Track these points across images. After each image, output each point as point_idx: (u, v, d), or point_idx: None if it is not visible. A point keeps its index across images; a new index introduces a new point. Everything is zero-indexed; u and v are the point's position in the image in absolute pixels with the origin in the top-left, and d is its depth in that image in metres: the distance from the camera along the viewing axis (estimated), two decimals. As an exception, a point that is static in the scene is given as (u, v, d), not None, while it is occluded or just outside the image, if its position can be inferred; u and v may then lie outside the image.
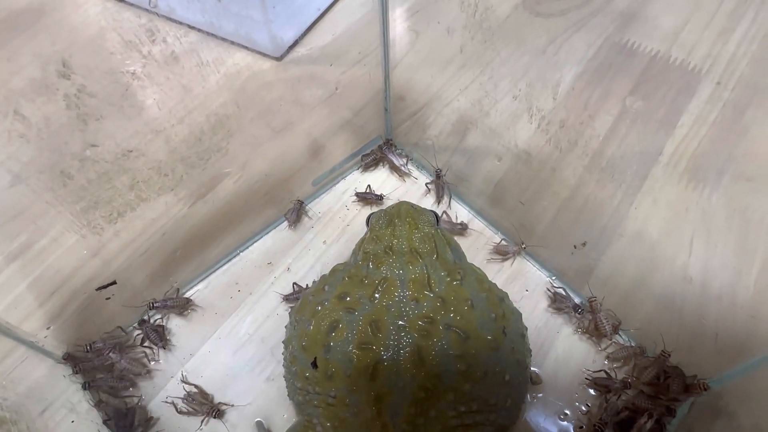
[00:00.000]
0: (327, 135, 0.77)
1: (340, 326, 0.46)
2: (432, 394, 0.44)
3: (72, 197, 0.50)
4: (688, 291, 0.60)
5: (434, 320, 0.46)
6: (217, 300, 0.69)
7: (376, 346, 0.44)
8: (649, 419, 0.56)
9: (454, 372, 0.44)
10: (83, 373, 0.59)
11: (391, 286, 0.48)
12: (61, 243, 0.53)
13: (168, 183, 0.57)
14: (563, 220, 0.67)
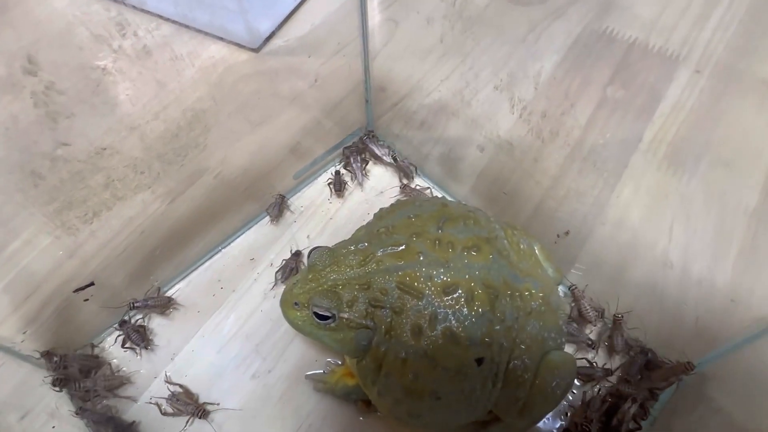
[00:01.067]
0: (307, 128, 0.76)
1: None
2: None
3: (44, 198, 0.48)
4: (668, 276, 0.61)
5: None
6: (199, 298, 0.68)
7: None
8: (633, 404, 0.57)
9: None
10: (59, 382, 0.58)
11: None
12: (35, 245, 0.51)
13: (145, 180, 0.56)
14: (546, 209, 0.67)
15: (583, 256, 0.67)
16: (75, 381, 0.58)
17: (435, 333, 0.47)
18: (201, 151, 0.59)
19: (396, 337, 0.47)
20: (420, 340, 0.47)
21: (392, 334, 0.47)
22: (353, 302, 0.48)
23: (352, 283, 0.49)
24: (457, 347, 0.47)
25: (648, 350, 0.60)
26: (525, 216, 0.69)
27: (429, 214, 0.54)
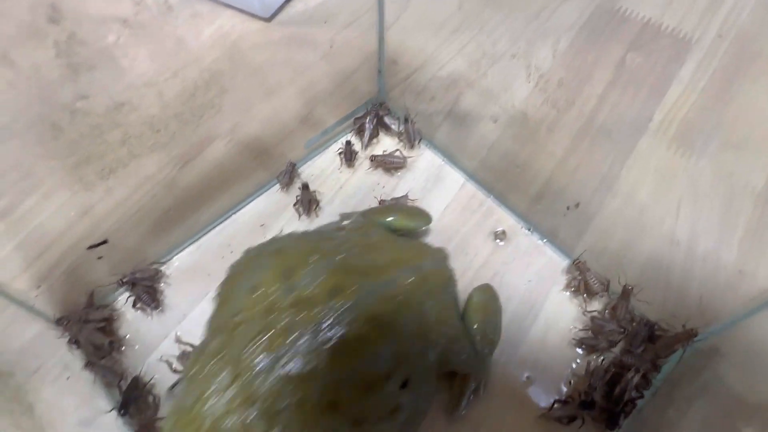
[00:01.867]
0: (319, 98, 0.76)
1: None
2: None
3: (63, 152, 0.49)
4: (675, 253, 0.61)
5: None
6: (209, 262, 0.69)
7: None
8: (636, 374, 0.58)
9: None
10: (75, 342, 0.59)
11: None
12: (53, 200, 0.52)
13: (161, 139, 0.56)
14: (557, 181, 0.67)
15: (592, 231, 0.68)
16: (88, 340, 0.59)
17: (351, 395, 0.44)
18: (217, 112, 0.59)
19: (316, 424, 0.43)
20: (342, 413, 0.43)
21: (309, 424, 0.43)
22: (248, 428, 0.41)
23: (233, 407, 0.41)
24: (378, 393, 0.45)
25: (652, 323, 0.61)
26: (536, 188, 0.69)
27: (269, 275, 0.49)
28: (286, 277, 0.48)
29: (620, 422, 0.57)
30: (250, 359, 0.43)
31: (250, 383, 0.42)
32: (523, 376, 0.62)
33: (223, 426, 0.41)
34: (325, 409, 0.43)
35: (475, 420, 0.59)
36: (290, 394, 0.42)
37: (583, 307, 0.65)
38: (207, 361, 0.44)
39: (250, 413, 0.41)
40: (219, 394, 0.42)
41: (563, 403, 0.58)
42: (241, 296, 0.48)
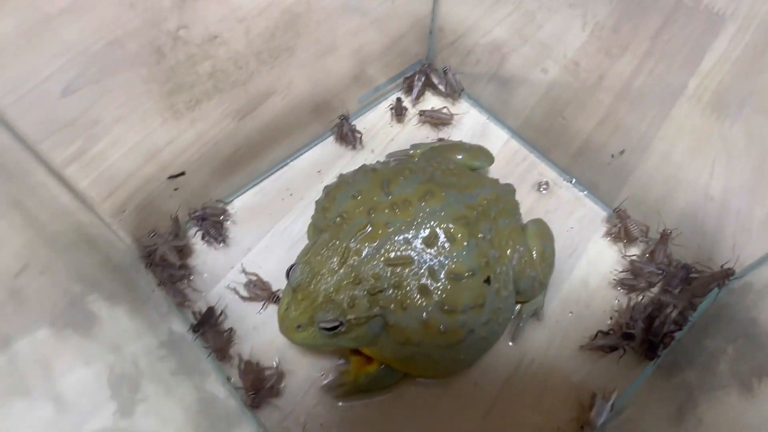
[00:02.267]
0: (370, 59, 0.80)
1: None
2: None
3: (161, 76, 0.53)
4: (709, 207, 0.65)
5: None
6: (270, 203, 0.74)
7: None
8: (674, 310, 0.62)
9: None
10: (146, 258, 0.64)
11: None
12: (147, 124, 0.56)
13: (241, 77, 0.61)
14: (597, 140, 0.71)
15: (630, 185, 0.72)
16: (167, 260, 0.64)
17: (441, 282, 0.50)
18: (290, 55, 0.64)
19: (409, 306, 0.50)
20: (431, 296, 0.50)
21: (404, 305, 0.50)
22: (354, 301, 0.49)
23: (343, 285, 0.50)
24: (464, 283, 0.51)
25: (690, 264, 0.65)
26: (577, 145, 0.73)
27: (368, 185, 0.56)
28: (383, 186, 0.55)
29: (659, 353, 0.61)
30: (357, 247, 0.50)
31: (357, 267, 0.50)
32: (567, 312, 0.66)
33: (335, 299, 0.49)
34: (419, 293, 0.50)
35: (522, 348, 0.63)
36: (390, 277, 0.50)
37: (623, 252, 0.69)
38: (319, 249, 0.51)
39: (357, 291, 0.49)
40: (331, 275, 0.50)
41: (606, 334, 0.62)
42: (343, 202, 0.56)
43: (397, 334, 0.51)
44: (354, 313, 0.49)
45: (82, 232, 0.59)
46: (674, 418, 0.57)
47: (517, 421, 0.59)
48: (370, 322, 0.50)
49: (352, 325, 0.50)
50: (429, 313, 0.49)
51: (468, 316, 0.51)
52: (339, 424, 0.59)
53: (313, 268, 0.51)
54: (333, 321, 0.49)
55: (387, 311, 0.50)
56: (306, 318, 0.50)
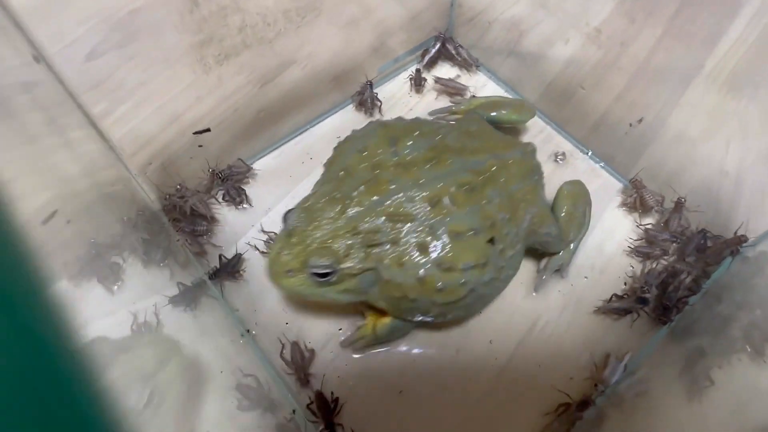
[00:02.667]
0: (390, 31, 0.81)
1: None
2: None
3: (193, 27, 0.54)
4: (723, 182, 0.66)
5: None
6: (291, 166, 0.75)
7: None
8: (688, 276, 0.63)
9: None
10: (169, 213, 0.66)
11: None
12: (177, 81, 0.58)
13: (268, 34, 0.62)
14: (613, 114, 0.72)
15: (646, 157, 0.73)
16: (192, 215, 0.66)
17: (441, 241, 0.50)
18: (316, 16, 0.65)
19: (406, 263, 0.49)
20: (429, 253, 0.50)
21: (400, 262, 0.50)
22: (349, 251, 0.49)
23: (340, 233, 0.49)
24: (465, 242, 0.51)
25: (705, 230, 0.65)
26: (598, 113, 0.74)
27: (375, 142, 0.56)
28: (391, 144, 0.55)
29: (672, 317, 0.62)
30: (358, 199, 0.50)
31: (356, 218, 0.50)
32: (582, 277, 0.67)
33: (330, 246, 0.48)
34: (417, 249, 0.50)
35: (536, 310, 0.65)
36: (389, 232, 0.50)
37: (638, 221, 0.70)
38: (320, 198, 0.51)
39: (354, 241, 0.49)
40: (329, 223, 0.49)
41: (620, 297, 0.63)
42: (349, 156, 0.56)
43: (392, 290, 0.51)
44: (348, 263, 0.49)
45: (108, 185, 0.61)
46: (686, 380, 0.58)
47: (531, 380, 0.60)
48: (363, 275, 0.50)
49: (344, 275, 0.49)
50: (426, 270, 0.49)
51: (469, 275, 0.50)
52: (356, 377, 0.60)
53: (311, 214, 0.50)
54: (326, 267, 0.48)
55: (382, 266, 0.50)
56: (298, 263, 0.49)
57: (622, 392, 0.59)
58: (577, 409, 0.57)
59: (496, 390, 0.60)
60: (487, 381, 0.60)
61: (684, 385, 0.58)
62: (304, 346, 0.60)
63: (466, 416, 0.57)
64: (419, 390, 0.59)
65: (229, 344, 0.61)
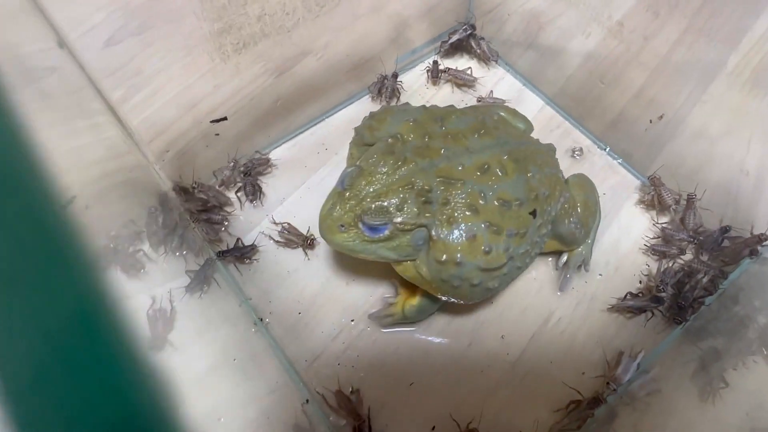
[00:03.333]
0: (408, 23, 0.81)
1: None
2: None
3: (213, 14, 0.54)
4: (743, 182, 0.65)
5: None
6: (305, 156, 0.75)
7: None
8: (705, 276, 0.62)
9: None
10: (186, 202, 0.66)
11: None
12: (194, 69, 0.58)
13: (287, 23, 0.62)
14: (632, 111, 0.71)
15: (664, 155, 0.72)
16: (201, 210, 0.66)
17: (490, 204, 0.51)
18: (336, 5, 0.65)
19: (457, 220, 0.50)
20: (480, 215, 0.50)
21: (451, 220, 0.50)
22: (403, 204, 0.49)
23: (394, 187, 0.49)
24: (512, 210, 0.52)
25: (726, 226, 0.65)
26: (617, 110, 0.73)
27: (422, 116, 0.57)
28: (437, 120, 0.56)
29: (687, 317, 0.61)
30: (413, 158, 0.51)
31: (409, 175, 0.50)
32: (596, 274, 0.66)
33: (384, 200, 0.49)
34: (468, 209, 0.50)
35: (550, 306, 0.64)
36: (442, 189, 0.51)
37: (655, 219, 0.69)
38: (372, 155, 0.52)
39: (408, 195, 0.49)
40: (383, 177, 0.50)
41: (635, 295, 0.63)
42: (398, 124, 0.56)
43: (439, 251, 0.50)
44: (401, 216, 0.49)
45: (127, 171, 0.61)
46: (700, 381, 0.57)
47: (543, 374, 0.60)
48: (415, 232, 0.50)
49: (397, 230, 0.49)
50: (476, 230, 0.50)
51: (511, 242, 0.51)
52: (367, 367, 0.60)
53: (364, 170, 0.50)
54: (379, 221, 0.48)
55: (433, 223, 0.50)
56: (351, 218, 0.49)
57: (635, 391, 0.58)
58: (588, 407, 0.57)
59: (507, 384, 0.60)
60: (498, 375, 0.60)
61: (697, 385, 0.57)
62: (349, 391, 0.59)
63: (477, 409, 0.58)
64: (430, 382, 0.59)
65: (242, 333, 0.62)
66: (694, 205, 0.66)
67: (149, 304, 0.56)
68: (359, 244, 0.51)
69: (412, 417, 0.58)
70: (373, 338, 0.62)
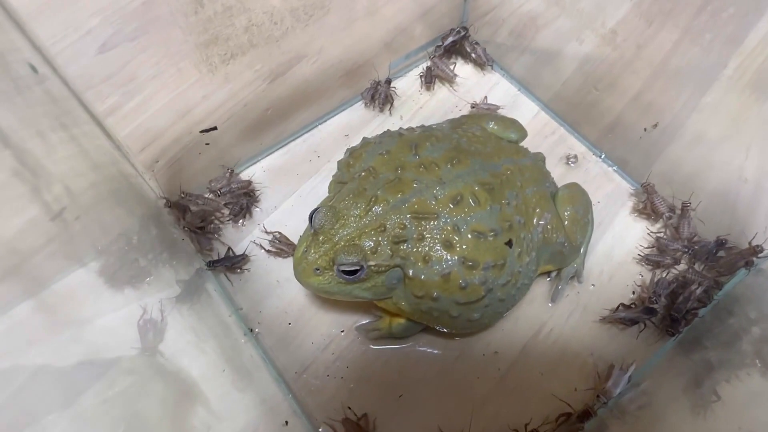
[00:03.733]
0: (402, 27, 0.80)
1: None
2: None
3: (199, 27, 0.54)
4: (741, 189, 0.64)
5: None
6: (298, 164, 0.75)
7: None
8: (699, 287, 0.62)
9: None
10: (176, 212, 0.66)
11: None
12: (182, 80, 0.57)
13: (276, 33, 0.61)
14: (628, 116, 0.70)
15: (661, 161, 0.71)
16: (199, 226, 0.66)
17: (465, 238, 0.51)
18: (325, 14, 0.64)
19: (431, 259, 0.50)
20: (455, 250, 0.50)
21: (426, 258, 0.50)
22: (376, 248, 0.49)
23: (366, 231, 0.50)
24: (487, 241, 0.51)
25: (722, 238, 0.64)
26: (608, 120, 0.72)
27: (397, 146, 0.56)
28: (411, 149, 0.56)
29: (680, 329, 0.61)
30: (383, 197, 0.51)
31: (382, 215, 0.50)
32: (589, 285, 0.66)
33: (358, 243, 0.49)
34: (442, 246, 0.50)
35: (541, 317, 0.64)
36: (414, 229, 0.50)
37: (650, 228, 0.68)
38: (345, 196, 0.52)
39: (381, 238, 0.49)
40: (356, 220, 0.50)
41: (628, 307, 0.62)
42: (372, 158, 0.56)
43: (415, 287, 0.51)
44: (376, 260, 0.49)
45: (116, 182, 0.61)
46: (692, 394, 0.57)
47: (532, 387, 0.60)
48: (390, 272, 0.50)
49: (372, 272, 0.50)
50: (451, 266, 0.50)
51: (488, 275, 0.51)
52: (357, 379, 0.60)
53: (337, 212, 0.51)
54: (354, 264, 0.49)
55: (408, 262, 0.50)
56: (326, 261, 0.50)
57: (625, 404, 0.58)
58: (577, 420, 0.57)
59: (497, 396, 0.59)
60: (487, 387, 0.60)
61: (689, 398, 0.57)
62: (354, 416, 0.58)
63: (466, 421, 0.57)
64: (419, 394, 0.59)
65: (231, 343, 0.62)
66: (688, 214, 0.65)
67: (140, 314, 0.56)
68: (335, 285, 0.51)
69: (401, 429, 0.58)
70: (363, 349, 0.61)
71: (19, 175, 0.49)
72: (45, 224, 0.51)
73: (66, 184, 0.53)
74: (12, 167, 0.48)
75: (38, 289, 0.48)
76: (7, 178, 0.47)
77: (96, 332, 0.51)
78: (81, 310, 0.51)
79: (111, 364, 0.50)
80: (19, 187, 0.48)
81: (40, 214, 0.50)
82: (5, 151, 0.47)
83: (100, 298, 0.54)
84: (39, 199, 0.51)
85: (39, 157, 0.51)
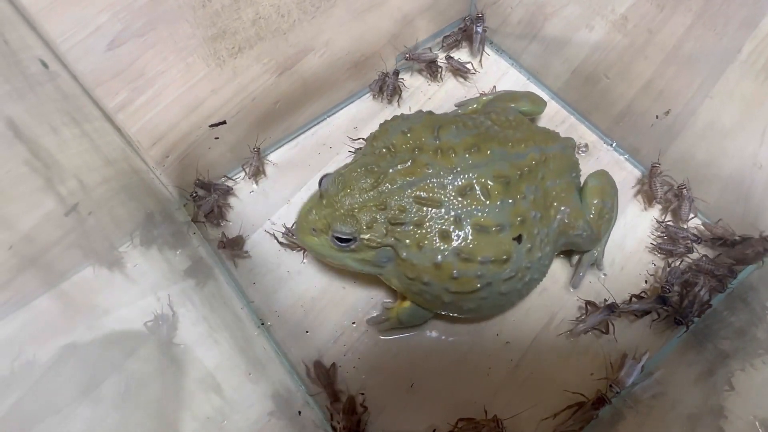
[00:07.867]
0: (409, 18, 0.80)
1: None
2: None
3: (206, 21, 0.54)
4: (756, 175, 0.63)
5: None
6: (308, 156, 0.75)
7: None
8: (712, 277, 0.61)
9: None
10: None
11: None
12: (191, 75, 0.57)
13: (283, 26, 0.61)
14: (640, 104, 0.69)
15: (673, 150, 0.70)
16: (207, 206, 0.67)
17: (464, 231, 0.50)
18: (331, 6, 0.64)
19: (425, 246, 0.50)
20: (450, 241, 0.50)
21: (420, 244, 0.50)
22: (372, 224, 0.50)
23: (368, 205, 0.51)
24: (489, 236, 0.51)
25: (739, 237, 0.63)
26: (623, 103, 0.71)
27: (421, 125, 0.56)
28: (434, 129, 0.55)
29: (693, 319, 0.60)
30: (392, 176, 0.51)
31: (386, 194, 0.51)
32: (600, 274, 0.65)
33: (356, 215, 0.50)
34: (438, 236, 0.50)
35: (552, 308, 0.64)
36: (415, 212, 0.51)
37: (658, 216, 0.68)
38: (357, 167, 0.53)
39: (379, 215, 0.50)
40: (360, 193, 0.51)
41: (640, 297, 0.62)
42: (393, 135, 0.56)
43: (407, 269, 0.52)
44: (369, 234, 0.50)
45: (128, 177, 0.62)
46: (705, 383, 0.56)
47: (545, 376, 0.60)
48: (381, 250, 0.51)
49: (363, 245, 0.51)
50: (444, 257, 0.50)
51: (486, 269, 0.50)
52: (368, 370, 0.60)
53: (345, 181, 0.52)
54: (347, 234, 0.50)
55: (401, 244, 0.51)
56: (323, 224, 0.51)
57: (638, 393, 0.58)
58: (592, 407, 0.56)
59: (509, 386, 0.59)
60: (499, 377, 0.60)
61: (703, 388, 0.56)
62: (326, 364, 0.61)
63: (479, 411, 0.57)
64: (431, 384, 0.59)
65: (244, 335, 0.63)
66: (684, 195, 0.65)
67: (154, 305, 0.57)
68: (327, 249, 0.53)
69: (412, 419, 0.58)
70: (374, 341, 0.62)
71: (35, 169, 0.50)
72: (60, 218, 0.51)
73: (79, 179, 0.54)
74: (28, 161, 0.49)
75: (57, 281, 0.49)
76: (24, 173, 0.48)
77: (113, 323, 0.52)
78: (98, 302, 0.52)
79: (128, 353, 0.51)
80: (36, 181, 0.49)
81: (56, 208, 0.51)
82: (20, 145, 0.48)
83: (116, 289, 0.55)
84: (54, 193, 0.51)
85: (53, 153, 0.51)
